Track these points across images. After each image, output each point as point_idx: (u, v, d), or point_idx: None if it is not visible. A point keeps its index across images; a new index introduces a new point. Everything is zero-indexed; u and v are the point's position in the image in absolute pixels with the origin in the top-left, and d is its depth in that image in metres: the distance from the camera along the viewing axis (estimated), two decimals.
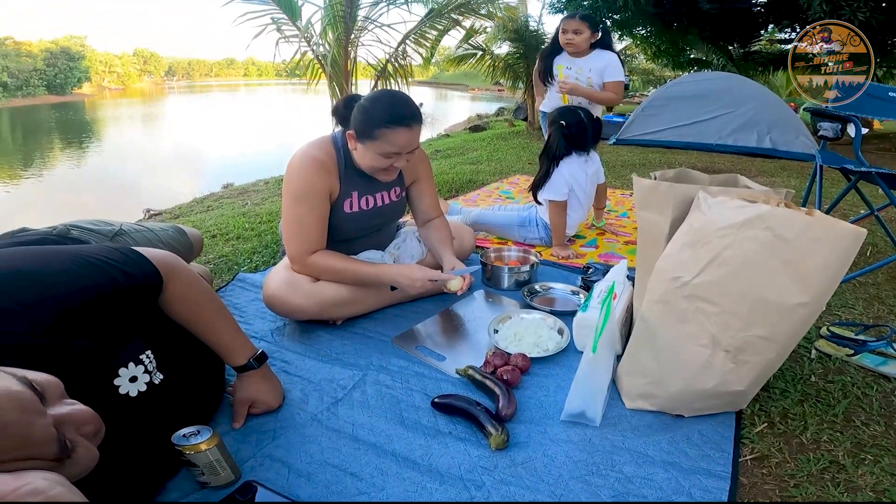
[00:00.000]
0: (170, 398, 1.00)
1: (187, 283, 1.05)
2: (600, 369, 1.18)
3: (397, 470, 1.05)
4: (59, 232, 1.24)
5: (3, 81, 35.29)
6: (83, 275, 0.86)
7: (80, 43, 48.59)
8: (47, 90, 40.28)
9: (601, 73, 2.51)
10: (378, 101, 1.45)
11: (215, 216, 3.06)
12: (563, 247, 2.29)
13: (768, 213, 0.99)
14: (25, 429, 0.58)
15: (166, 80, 77.46)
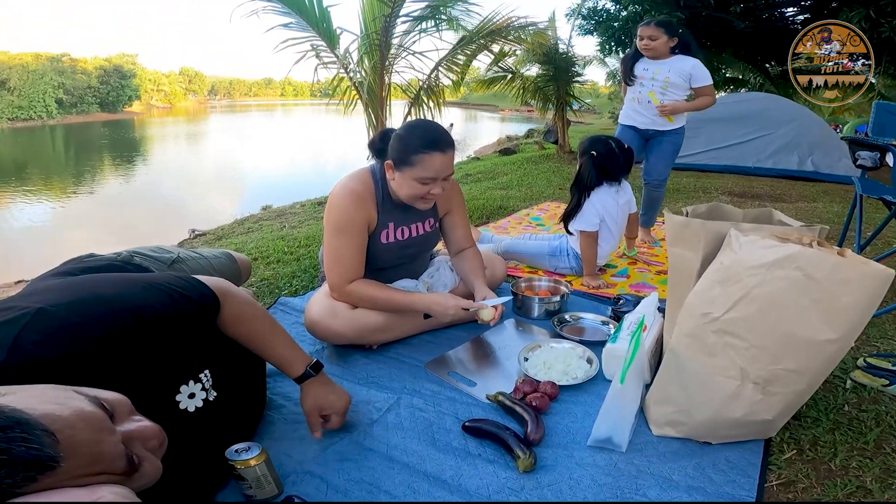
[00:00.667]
0: (222, 414, 1.07)
1: (242, 304, 1.14)
2: (628, 398, 1.21)
3: (428, 489, 1.10)
4: (124, 258, 1.35)
5: (59, 98, 36.68)
6: (151, 298, 0.95)
7: (131, 61, 50.11)
8: (100, 108, 41.72)
9: (685, 77, 2.57)
10: (413, 129, 1.55)
11: (256, 238, 3.20)
12: (593, 277, 2.30)
13: (799, 254, 1.02)
14: (97, 447, 0.64)
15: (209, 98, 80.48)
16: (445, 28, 4.26)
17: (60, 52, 42.39)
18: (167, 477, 0.75)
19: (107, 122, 35.90)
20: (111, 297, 0.91)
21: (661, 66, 2.62)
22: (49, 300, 0.85)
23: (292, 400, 1.39)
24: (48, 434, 0.60)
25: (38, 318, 0.80)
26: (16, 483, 0.57)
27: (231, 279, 1.69)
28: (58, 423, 0.61)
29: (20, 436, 0.58)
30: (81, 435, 0.62)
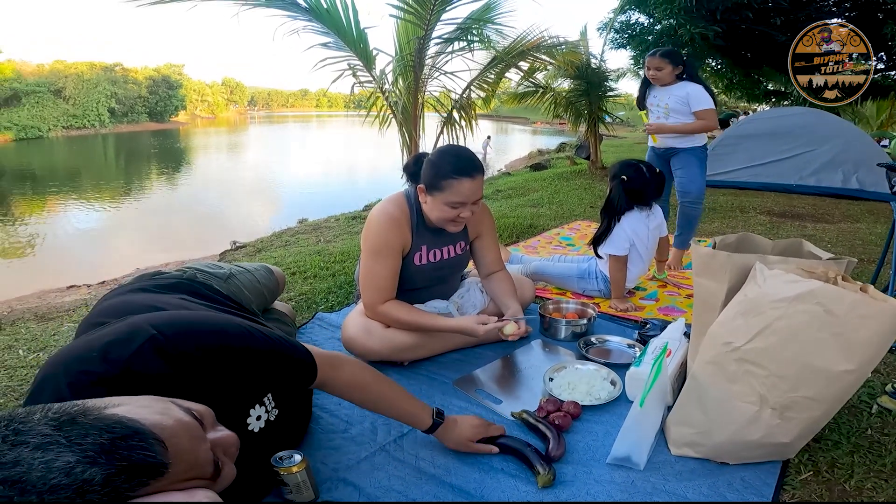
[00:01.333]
0: (280, 431, 1.17)
1: (359, 369, 1.24)
2: (649, 420, 1.26)
3: (453, 499, 1.17)
4: (189, 276, 1.47)
5: (112, 107, 37.84)
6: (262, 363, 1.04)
7: (178, 71, 51.16)
8: (149, 117, 42.89)
9: (683, 102, 2.70)
10: (444, 155, 1.64)
11: (293, 253, 3.35)
12: (621, 300, 2.31)
13: (820, 290, 1.05)
14: (194, 454, 0.72)
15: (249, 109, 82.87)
16: (478, 48, 4.35)
17: (113, 61, 43.82)
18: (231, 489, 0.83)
19: (155, 131, 37.12)
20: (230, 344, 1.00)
21: (664, 92, 2.78)
22: (162, 326, 0.94)
23: (328, 411, 1.49)
24: (160, 443, 0.68)
25: (150, 346, 0.89)
26: (131, 487, 0.65)
27: (271, 290, 1.81)
28: (166, 433, 0.69)
29: (139, 444, 0.66)
30: (183, 443, 0.71)
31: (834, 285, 1.06)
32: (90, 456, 0.63)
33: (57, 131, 32.58)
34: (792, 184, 5.56)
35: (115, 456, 0.64)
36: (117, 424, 0.67)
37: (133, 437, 0.66)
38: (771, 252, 1.34)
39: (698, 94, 2.68)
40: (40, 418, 0.65)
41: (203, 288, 1.37)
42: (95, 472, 0.62)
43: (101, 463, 0.63)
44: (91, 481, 0.62)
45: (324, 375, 1.17)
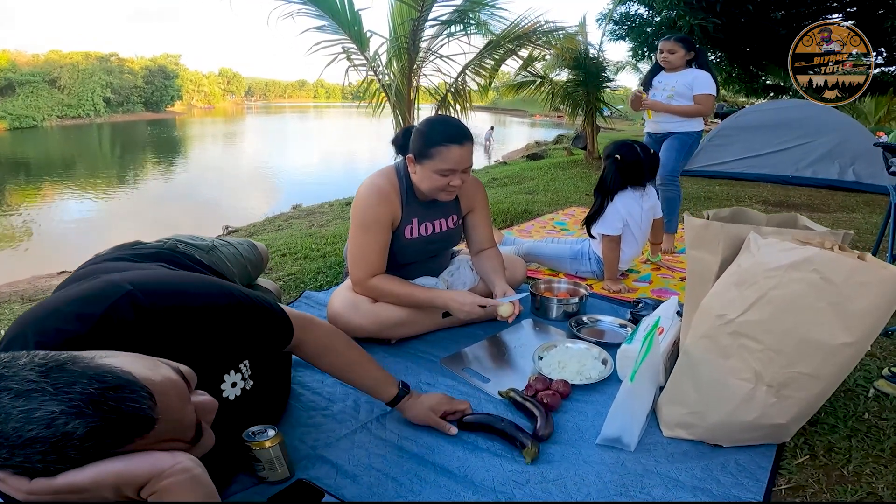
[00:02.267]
0: (256, 402, 1.12)
1: (327, 335, 1.21)
2: (640, 398, 1.21)
3: (435, 478, 1.12)
4: (170, 246, 1.42)
5: (107, 97, 37.86)
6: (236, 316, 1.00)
7: (174, 62, 51.02)
8: (145, 107, 42.91)
9: (689, 87, 2.76)
10: (432, 123, 1.61)
11: (285, 236, 3.30)
12: (615, 281, 2.29)
13: (816, 256, 1.00)
14: (180, 413, 0.69)
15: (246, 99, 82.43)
16: (473, 32, 4.29)
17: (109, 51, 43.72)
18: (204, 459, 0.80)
19: (150, 121, 37.07)
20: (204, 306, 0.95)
21: (672, 76, 2.84)
22: (139, 282, 0.89)
23: (309, 388, 1.44)
24: (150, 396, 0.65)
25: (125, 301, 0.84)
26: (114, 443, 0.62)
27: (254, 265, 1.77)
28: (156, 387, 0.66)
29: (130, 395, 0.63)
30: (171, 401, 0.68)
31: (831, 252, 1.01)
32: (76, 406, 0.59)
33: (51, 121, 32.61)
34: (788, 175, 5.57)
35: (103, 407, 0.60)
36: (109, 374, 0.63)
37: (124, 388, 0.63)
38: (766, 225, 1.29)
39: (703, 80, 2.75)
40: (26, 363, 0.61)
41: (184, 258, 1.33)
42: (79, 424, 0.59)
43: (88, 414, 0.59)
44: (72, 434, 0.58)
45: (297, 336, 1.13)
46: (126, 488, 0.63)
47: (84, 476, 0.60)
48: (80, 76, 36.08)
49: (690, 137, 2.86)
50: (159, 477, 0.63)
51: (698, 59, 2.81)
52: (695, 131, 2.85)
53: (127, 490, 0.63)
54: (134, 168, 16.01)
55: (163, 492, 0.63)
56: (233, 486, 1.08)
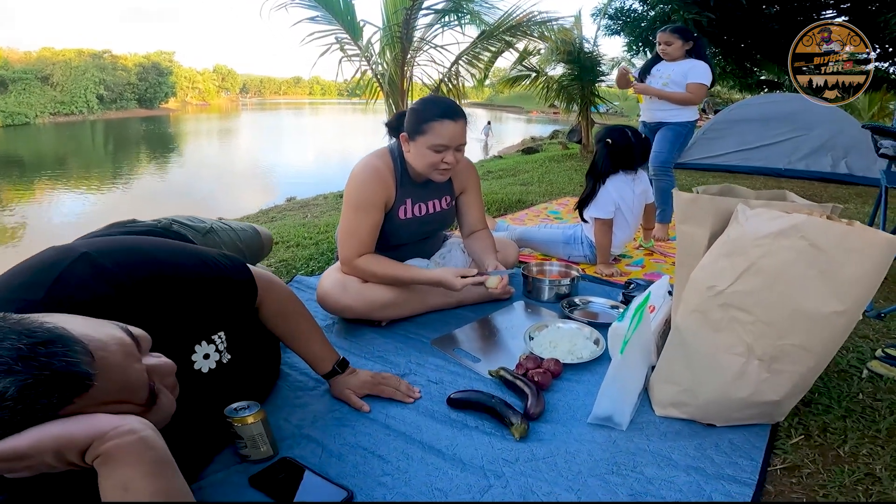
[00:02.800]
0: (235, 378, 1.09)
1: (284, 300, 1.18)
2: (631, 376, 1.19)
3: (422, 455, 1.10)
4: (164, 225, 1.40)
5: (100, 94, 37.66)
6: (193, 267, 0.97)
7: (168, 58, 50.81)
8: (138, 104, 42.73)
9: (685, 76, 2.77)
10: (426, 102, 1.62)
11: (277, 226, 3.26)
12: (607, 265, 2.29)
13: (804, 223, 0.99)
14: (126, 372, 0.66)
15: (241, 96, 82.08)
16: (467, 22, 4.28)
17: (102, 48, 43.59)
18: (175, 435, 0.77)
19: (144, 118, 36.97)
20: (158, 260, 0.93)
21: (670, 66, 2.85)
22: (95, 245, 0.87)
23: (297, 369, 1.42)
24: (86, 352, 0.61)
25: (80, 263, 0.82)
26: (51, 404, 0.59)
27: (255, 251, 1.74)
28: (94, 344, 0.63)
29: (61, 350, 0.59)
30: (114, 358, 0.64)
31: (819, 219, 0.99)
32: (5, 362, 0.56)
33: (44, 118, 32.46)
34: (781, 168, 5.59)
35: (33, 363, 0.57)
36: (39, 328, 0.60)
37: (56, 343, 0.60)
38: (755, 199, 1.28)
39: (697, 69, 2.75)
40: None
41: (176, 238, 1.30)
42: (9, 383, 0.56)
43: (17, 371, 0.56)
44: (3, 394, 0.55)
45: (260, 295, 1.11)
46: (68, 453, 0.59)
47: (22, 441, 0.57)
48: (72, 73, 36.01)
49: (684, 128, 2.86)
50: (101, 439, 0.59)
51: (696, 50, 2.81)
52: (688, 121, 2.85)
53: (70, 455, 0.59)
54: (128, 165, 15.90)
55: (106, 455, 0.59)
56: (214, 465, 1.06)
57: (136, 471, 0.60)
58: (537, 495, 0.99)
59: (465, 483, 1.02)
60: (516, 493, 1.00)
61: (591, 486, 1.02)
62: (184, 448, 0.94)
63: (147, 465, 0.61)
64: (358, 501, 0.98)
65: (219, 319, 1.06)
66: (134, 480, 0.59)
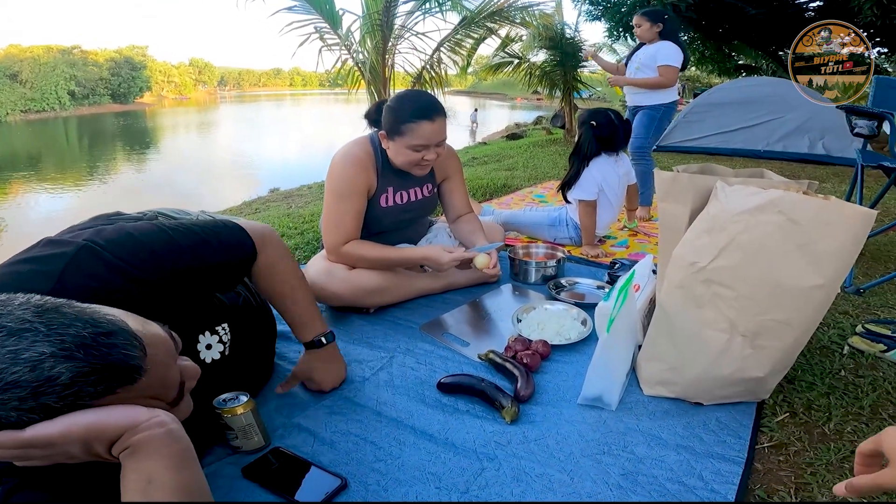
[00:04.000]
0: (235, 370, 1.09)
1: (279, 255, 1.13)
2: (619, 356, 1.21)
3: (414, 440, 1.11)
4: (149, 217, 1.37)
5: (71, 90, 37.09)
6: (190, 244, 0.95)
7: (141, 53, 50.43)
8: (112, 99, 42.22)
9: (654, 58, 2.80)
10: (402, 100, 1.57)
11: (262, 217, 3.23)
12: (592, 246, 2.32)
13: (780, 198, 1.01)
14: (166, 370, 0.68)
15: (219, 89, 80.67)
16: (448, 9, 4.24)
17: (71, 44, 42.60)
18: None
19: (119, 113, 36.27)
20: (156, 242, 0.92)
21: (642, 51, 2.89)
22: (94, 236, 0.86)
23: (287, 360, 1.42)
24: (141, 347, 0.63)
25: (84, 253, 0.82)
26: (97, 392, 0.59)
27: None
28: (147, 339, 0.65)
29: (121, 342, 0.61)
30: (160, 356, 0.66)
31: (796, 194, 1.01)
32: (67, 348, 0.57)
33: (15, 115, 31.70)
34: (760, 149, 5.68)
35: (93, 352, 0.58)
36: (103, 320, 0.61)
37: (117, 335, 0.61)
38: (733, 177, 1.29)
39: (665, 51, 2.77)
40: (22, 303, 0.59)
41: None
42: (65, 369, 0.56)
43: (77, 359, 0.57)
44: (55, 379, 0.56)
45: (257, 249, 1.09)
46: (96, 443, 0.59)
47: (54, 428, 0.57)
48: (42, 70, 35.42)
49: (658, 111, 2.88)
50: (134, 430, 0.60)
51: (667, 31, 2.82)
52: (662, 104, 2.87)
53: (97, 446, 0.59)
54: (105, 160, 15.56)
55: (136, 446, 0.60)
56: (207, 458, 1.05)
57: (161, 463, 0.61)
58: (530, 477, 1.00)
59: (459, 466, 1.03)
60: (509, 476, 1.00)
61: (584, 466, 1.03)
62: None
63: (172, 459, 0.62)
64: (352, 488, 0.98)
65: (222, 309, 1.06)
66: (159, 472, 0.60)
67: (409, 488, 0.98)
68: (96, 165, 14.43)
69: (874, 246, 2.40)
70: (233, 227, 1.06)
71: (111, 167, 14.23)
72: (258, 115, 34.27)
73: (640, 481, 0.99)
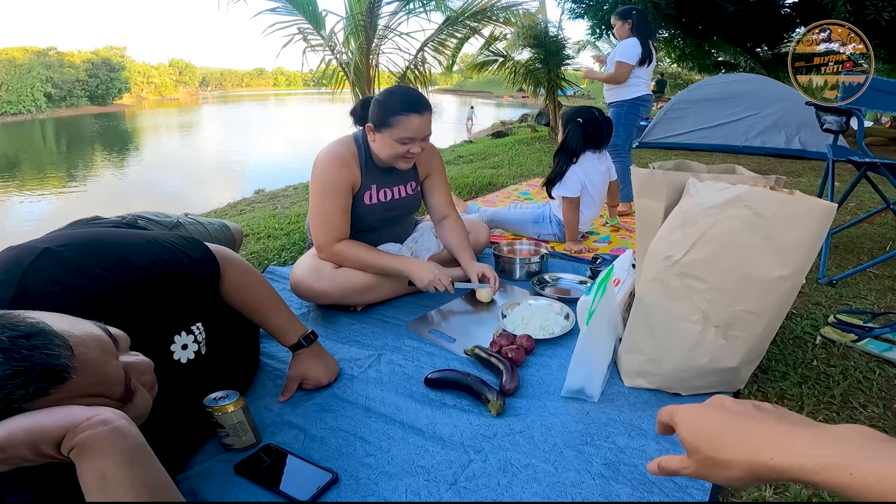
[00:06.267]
0: (213, 368, 1.10)
1: (242, 271, 1.17)
2: (599, 348, 1.25)
3: (403, 435, 1.13)
4: (128, 221, 1.38)
5: (48, 92, 36.49)
6: (156, 252, 0.97)
7: (119, 54, 49.80)
8: (90, 101, 41.59)
9: (614, 55, 2.95)
10: (391, 94, 1.61)
11: (247, 218, 3.22)
12: (575, 242, 2.36)
13: (747, 193, 1.05)
14: (103, 367, 0.67)
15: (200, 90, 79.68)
16: (432, 9, 4.26)
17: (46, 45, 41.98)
18: (156, 426, 0.78)
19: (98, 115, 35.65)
20: (118, 245, 0.93)
21: (614, 49, 3.02)
22: (55, 241, 0.87)
23: (276, 358, 1.43)
24: (66, 346, 0.63)
25: (44, 258, 0.82)
26: (28, 394, 0.60)
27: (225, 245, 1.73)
28: (73, 339, 0.65)
29: (41, 343, 0.61)
30: (91, 354, 0.66)
31: (761, 189, 1.06)
32: None
33: None
34: (738, 145, 5.80)
35: (14, 355, 0.59)
36: (21, 323, 0.62)
37: (37, 336, 0.62)
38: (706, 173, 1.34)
39: (621, 48, 2.90)
40: None
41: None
42: None
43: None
44: None
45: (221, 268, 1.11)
46: (42, 444, 0.59)
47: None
48: (17, 72, 34.73)
49: (621, 108, 2.98)
50: (74, 430, 0.60)
51: (635, 27, 2.92)
52: (626, 100, 2.96)
53: (44, 447, 0.60)
54: (84, 163, 15.29)
55: (81, 445, 0.60)
56: (199, 456, 1.07)
57: (112, 460, 0.60)
58: (516, 468, 1.03)
59: (447, 459, 1.06)
60: (496, 467, 1.03)
61: (567, 457, 1.07)
62: (167, 439, 0.94)
63: (122, 454, 0.61)
64: (343, 482, 1.00)
65: (196, 309, 1.06)
66: (111, 469, 0.60)
67: (399, 481, 1.00)
68: (76, 168, 14.18)
69: (847, 238, 2.48)
70: (196, 244, 1.08)
71: (91, 170, 13.98)
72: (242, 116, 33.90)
73: (622, 471, 1.02)
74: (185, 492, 0.97)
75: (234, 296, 1.16)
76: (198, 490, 0.98)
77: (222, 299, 1.15)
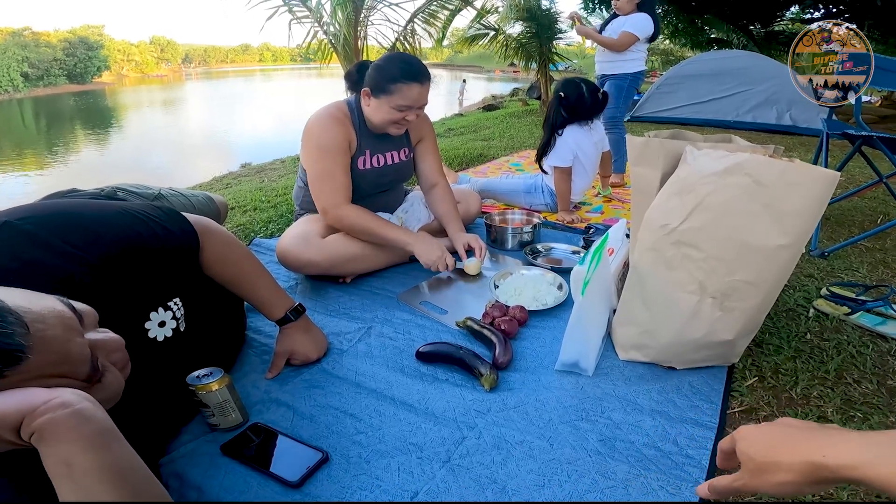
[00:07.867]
0: (193, 346, 1.05)
1: (224, 243, 1.10)
2: (594, 320, 1.22)
3: (394, 412, 1.11)
4: (107, 193, 1.32)
5: (24, 72, 35.82)
6: (127, 224, 0.91)
7: (97, 32, 49.03)
8: (68, 79, 40.90)
9: (623, 25, 2.87)
10: (392, 60, 1.57)
11: (233, 192, 3.14)
12: (568, 212, 2.35)
13: (747, 161, 1.02)
14: (65, 345, 0.62)
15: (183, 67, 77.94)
16: None
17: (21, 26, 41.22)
18: (133, 407, 0.73)
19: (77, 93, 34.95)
20: (85, 217, 0.87)
21: (619, 19, 2.94)
22: (16, 214, 0.81)
23: (263, 333, 1.39)
24: (21, 324, 0.58)
25: (3, 232, 0.77)
26: None
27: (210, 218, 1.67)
28: (30, 315, 0.59)
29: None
30: (52, 331, 0.60)
31: (762, 156, 1.02)
32: None
33: None
34: (730, 120, 5.80)
35: None
36: None
37: None
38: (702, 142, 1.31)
39: (633, 20, 2.84)
40: None
41: None
42: None
43: None
44: None
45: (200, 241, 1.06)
46: (2, 431, 0.55)
47: None
48: None
49: (624, 80, 2.94)
50: (32, 414, 0.55)
51: (644, 3, 2.88)
52: (628, 73, 2.92)
53: (4, 433, 0.55)
54: (65, 141, 14.92)
55: (41, 431, 0.55)
56: (183, 437, 1.03)
57: (76, 445, 0.56)
58: (510, 444, 1.01)
59: (440, 436, 1.03)
60: (490, 443, 1.01)
61: (563, 432, 1.04)
62: (146, 421, 0.90)
63: (87, 439, 0.57)
64: (334, 461, 0.97)
65: (172, 284, 1.01)
66: (76, 455, 0.56)
67: (391, 459, 0.97)
68: (57, 146, 13.84)
69: (838, 211, 2.47)
70: (172, 214, 1.02)
71: (72, 147, 13.66)
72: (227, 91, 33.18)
73: (618, 447, 1.00)
74: (169, 474, 0.94)
75: (215, 269, 1.10)
76: (183, 472, 0.95)
77: (203, 273, 1.10)
